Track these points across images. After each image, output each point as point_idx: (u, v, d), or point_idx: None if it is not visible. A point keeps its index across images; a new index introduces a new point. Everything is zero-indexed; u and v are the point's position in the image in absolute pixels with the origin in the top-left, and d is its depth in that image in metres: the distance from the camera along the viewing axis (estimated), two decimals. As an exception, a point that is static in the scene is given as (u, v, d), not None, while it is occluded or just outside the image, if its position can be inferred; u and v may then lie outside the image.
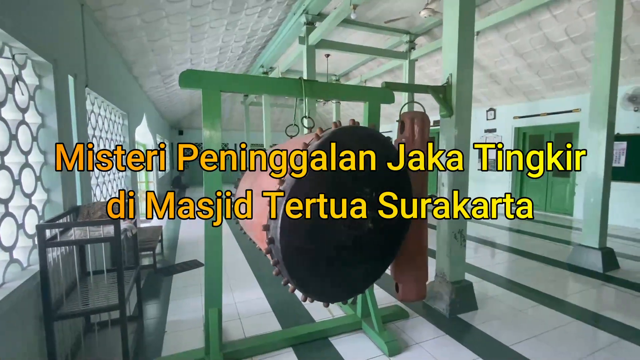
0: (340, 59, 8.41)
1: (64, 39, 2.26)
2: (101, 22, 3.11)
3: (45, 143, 2.06)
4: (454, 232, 2.78)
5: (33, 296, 1.69)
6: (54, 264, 1.88)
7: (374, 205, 1.61)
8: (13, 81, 1.73)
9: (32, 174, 1.91)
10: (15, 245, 1.71)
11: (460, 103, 2.69)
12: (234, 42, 5.88)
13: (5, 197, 1.63)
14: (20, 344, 1.56)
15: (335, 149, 1.54)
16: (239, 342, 2.25)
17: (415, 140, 2.49)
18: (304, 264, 1.47)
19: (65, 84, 2.25)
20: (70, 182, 2.26)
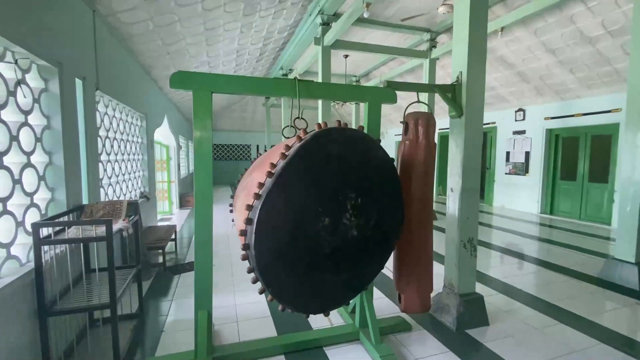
0: (359, 60, 8.29)
1: (72, 44, 2.35)
2: (115, 27, 3.23)
3: (50, 144, 2.14)
4: (463, 240, 2.60)
5: (29, 292, 1.75)
6: (56, 260, 1.94)
7: (359, 211, 1.52)
8: (15, 85, 1.81)
9: (34, 174, 1.98)
10: (14, 242, 1.77)
11: (471, 103, 2.51)
12: (251, 44, 5.94)
13: (3, 195, 1.69)
14: (16, 337, 1.62)
15: (315, 153, 1.46)
16: (229, 347, 2.22)
17: (419, 142, 2.35)
18: (280, 272, 1.41)
19: (72, 87, 2.34)
20: (75, 182, 2.34)
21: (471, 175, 2.57)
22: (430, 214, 2.44)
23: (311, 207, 1.45)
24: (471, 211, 2.60)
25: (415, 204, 2.38)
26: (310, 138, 1.49)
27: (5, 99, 1.72)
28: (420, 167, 2.37)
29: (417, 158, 2.37)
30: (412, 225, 2.37)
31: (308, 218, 1.44)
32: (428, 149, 2.37)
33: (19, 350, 1.65)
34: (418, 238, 2.39)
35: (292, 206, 1.42)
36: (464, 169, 2.54)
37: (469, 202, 2.58)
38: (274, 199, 1.41)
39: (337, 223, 1.48)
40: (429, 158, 2.38)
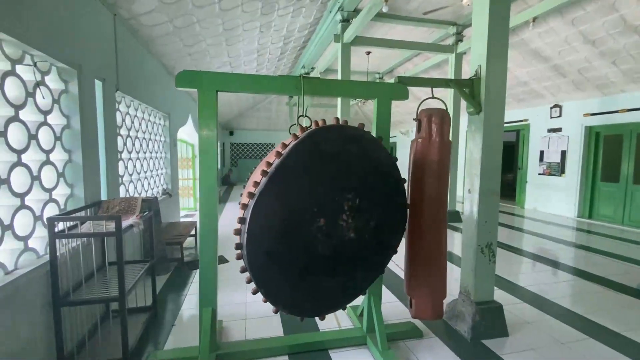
0: (382, 56, 8.11)
1: (92, 47, 2.45)
2: (136, 30, 3.35)
3: (69, 142, 2.25)
4: (481, 245, 2.44)
5: (44, 282, 1.84)
6: (71, 253, 2.04)
7: (357, 212, 1.45)
8: (34, 86, 1.91)
9: (53, 171, 2.09)
10: (31, 235, 1.88)
11: (491, 98, 2.34)
12: (271, 43, 5.98)
13: (22, 191, 1.79)
14: (32, 325, 1.71)
15: (311, 151, 1.42)
16: (234, 344, 2.23)
17: (432, 140, 2.23)
18: (273, 273, 1.37)
19: (91, 88, 2.44)
20: (94, 179, 2.45)
21: (490, 175, 2.41)
22: (444, 216, 2.31)
23: (306, 207, 1.40)
24: (490, 214, 2.43)
25: (428, 205, 2.27)
26: (305, 136, 1.44)
27: (23, 100, 1.82)
28: (434, 167, 2.26)
29: (430, 157, 2.25)
30: (425, 227, 2.27)
31: (303, 219, 1.39)
32: (442, 147, 2.24)
33: (35, 338, 1.75)
34: (431, 241, 2.28)
35: (286, 206, 1.39)
36: (482, 169, 2.38)
37: (488, 204, 2.42)
38: (266, 199, 1.38)
39: (334, 224, 1.42)
40: (443, 157, 2.25)
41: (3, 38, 1.63)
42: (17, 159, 1.76)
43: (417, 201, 2.33)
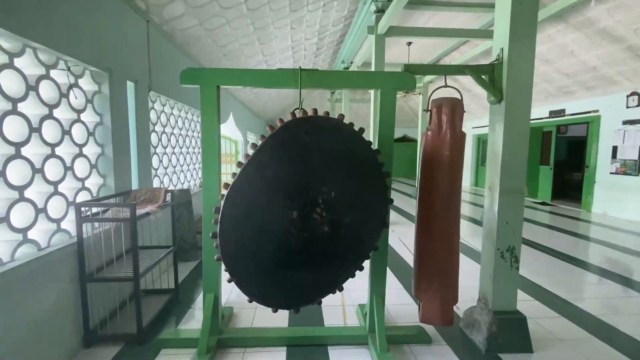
0: (425, 46, 7.69)
1: (124, 52, 2.71)
2: (169, 34, 3.62)
3: (102, 138, 2.52)
4: (501, 249, 2.20)
5: (73, 260, 2.10)
6: (103, 235, 2.30)
7: (332, 206, 1.41)
8: (68, 88, 2.17)
9: (86, 162, 2.37)
10: (64, 218, 2.15)
11: (514, 85, 2.09)
12: (305, 39, 6.02)
13: (55, 179, 2.06)
14: (62, 297, 1.97)
15: (284, 143, 1.41)
16: (236, 330, 2.32)
17: (442, 131, 2.08)
18: (245, 263, 1.40)
19: (123, 89, 2.71)
20: (124, 170, 2.72)
21: (513, 172, 2.15)
22: (457, 214, 2.14)
23: (279, 200, 1.40)
24: (513, 215, 2.18)
25: (438, 203, 2.13)
26: (278, 129, 1.44)
27: (57, 100, 2.09)
28: (445, 161, 2.10)
29: (440, 151, 2.10)
30: (434, 226, 2.13)
31: (275, 211, 1.39)
32: (454, 140, 2.08)
33: (64, 309, 2.01)
34: (441, 242, 2.13)
35: (258, 198, 1.40)
36: (503, 164, 2.14)
37: (510, 204, 2.17)
38: (239, 190, 1.40)
39: (307, 218, 1.40)
40: (455, 151, 2.09)
41: (37, 47, 1.88)
42: (50, 152, 2.03)
43: (426, 198, 2.19)
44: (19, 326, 1.70)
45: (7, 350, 1.63)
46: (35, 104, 1.93)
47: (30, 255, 1.83)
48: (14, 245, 1.76)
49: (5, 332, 1.60)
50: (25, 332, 1.73)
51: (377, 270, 2.23)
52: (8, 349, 1.62)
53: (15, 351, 1.67)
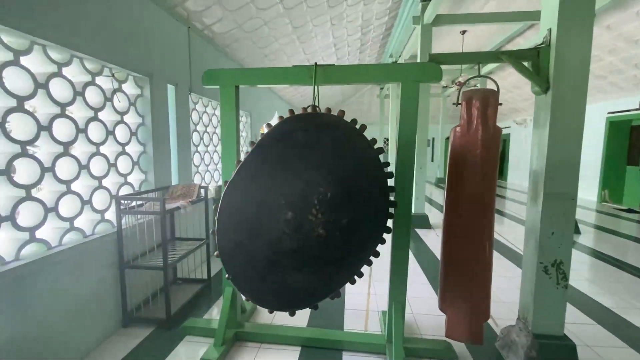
0: (482, 34, 7.03)
1: (165, 57, 2.92)
2: (211, 38, 3.82)
3: (143, 137, 2.76)
4: (544, 263, 1.90)
5: (113, 247, 2.33)
6: (142, 227, 2.52)
7: (328, 207, 1.34)
8: (112, 93, 2.41)
9: (129, 160, 2.61)
10: (107, 209, 2.39)
11: (564, 71, 1.77)
12: (347, 35, 5.91)
13: (99, 175, 2.31)
14: (101, 281, 2.21)
15: (281, 141, 1.37)
16: (254, 326, 2.36)
17: (473, 127, 1.87)
18: (241, 262, 1.40)
19: (163, 92, 2.92)
20: (164, 167, 2.94)
21: (562, 173, 1.84)
22: (490, 220, 1.91)
23: (274, 199, 1.37)
24: (561, 224, 1.86)
25: (467, 207, 1.92)
26: (276, 126, 1.41)
27: (102, 104, 2.32)
28: (476, 160, 1.88)
29: (470, 149, 1.89)
30: (463, 231, 1.92)
31: (270, 210, 1.37)
32: (486, 136, 1.85)
33: (104, 291, 2.24)
34: (471, 249, 1.92)
35: (253, 197, 1.39)
36: (548, 164, 1.84)
37: (558, 211, 1.86)
38: (236, 188, 1.41)
39: (302, 219, 1.35)
40: (487, 148, 1.85)
41: (83, 57, 2.12)
42: (95, 150, 2.27)
43: (454, 202, 1.99)
44: (68, 302, 1.94)
45: (59, 320, 1.87)
46: (82, 107, 2.17)
47: (76, 241, 2.08)
48: (61, 232, 2.01)
49: (56, 305, 1.84)
50: (73, 308, 1.97)
51: (397, 277, 2.08)
52: (60, 320, 1.86)
53: (66, 323, 1.91)
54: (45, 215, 1.90)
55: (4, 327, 1.59)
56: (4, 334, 1.60)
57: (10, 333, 1.62)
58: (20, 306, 1.67)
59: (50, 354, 1.84)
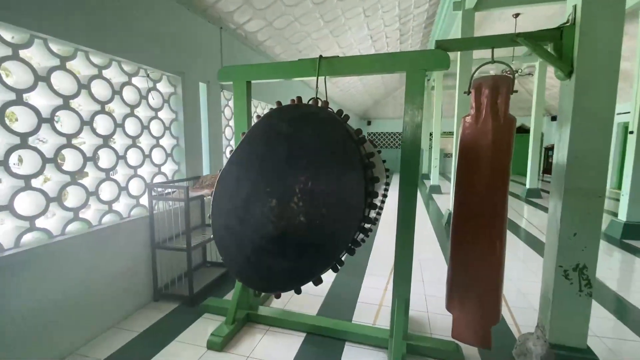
0: (539, 16, 6.34)
1: (197, 57, 3.16)
2: (244, 37, 4.02)
3: (176, 131, 3.03)
4: (564, 267, 1.72)
5: (147, 229, 2.63)
6: (174, 212, 2.80)
7: (308, 196, 1.37)
8: (147, 91, 2.69)
9: (162, 152, 2.89)
10: (142, 195, 2.69)
11: (588, 51, 1.57)
12: (385, 26, 5.76)
13: (135, 165, 2.60)
14: (135, 258, 2.51)
15: (266, 132, 1.44)
16: (265, 309, 2.48)
17: (482, 117, 1.76)
18: (231, 245, 1.51)
19: (195, 90, 3.17)
20: (195, 158, 3.20)
21: (586, 167, 1.63)
22: (502, 217, 1.78)
23: (260, 187, 1.44)
24: (584, 224, 1.66)
25: (476, 203, 1.83)
26: (262, 117, 1.47)
27: (138, 101, 2.61)
28: (486, 153, 1.77)
29: (481, 140, 1.78)
30: (472, 228, 1.83)
31: (257, 198, 1.44)
32: (497, 126, 1.72)
33: (137, 268, 2.54)
34: (481, 248, 1.82)
35: (242, 184, 1.47)
36: (570, 156, 1.65)
37: (580, 209, 1.66)
38: (227, 176, 1.51)
39: (285, 206, 1.40)
40: (499, 140, 1.73)
41: (121, 60, 2.40)
42: (131, 143, 2.56)
43: (462, 197, 1.89)
44: (107, 273, 2.25)
45: (99, 289, 2.18)
46: (120, 105, 2.46)
47: (113, 222, 2.38)
48: (101, 214, 2.32)
49: (96, 275, 2.15)
50: (111, 279, 2.28)
51: (400, 272, 2.04)
52: (99, 288, 2.18)
53: (105, 291, 2.22)
54: (87, 198, 2.21)
55: (56, 289, 1.91)
56: (57, 295, 1.91)
57: (62, 294, 1.93)
58: (67, 274, 1.99)
59: (92, 316, 2.15)
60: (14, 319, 1.73)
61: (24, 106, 1.83)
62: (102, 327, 2.24)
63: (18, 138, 1.80)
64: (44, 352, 1.88)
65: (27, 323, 1.79)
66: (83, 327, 2.11)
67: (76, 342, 2.07)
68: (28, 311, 1.79)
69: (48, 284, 1.89)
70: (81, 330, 2.10)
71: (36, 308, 1.83)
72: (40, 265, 1.85)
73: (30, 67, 1.83)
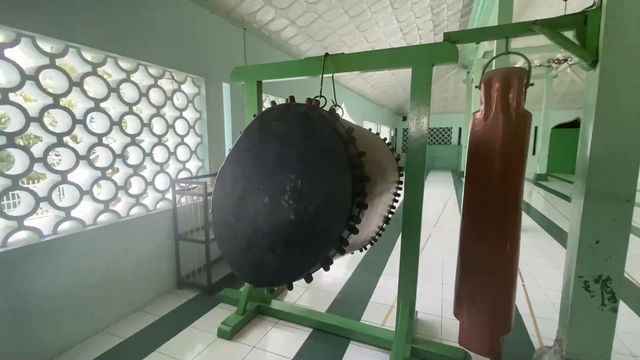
0: None
1: (220, 58, 3.30)
2: (268, 36, 4.10)
3: (200, 130, 3.20)
4: (584, 277, 1.56)
5: (169, 221, 2.82)
6: (197, 206, 2.98)
7: (297, 194, 1.39)
8: (172, 92, 2.87)
9: (187, 149, 3.08)
10: (168, 190, 2.89)
11: (615, 38, 1.39)
12: (415, 18, 5.55)
13: (161, 161, 2.80)
14: (160, 247, 2.71)
15: (259, 131, 1.48)
16: (276, 303, 2.55)
17: (492, 113, 1.66)
18: (228, 238, 1.58)
19: (218, 90, 3.32)
20: (219, 155, 3.36)
21: (611, 169, 1.46)
22: (515, 220, 1.68)
23: (254, 185, 1.49)
24: (609, 231, 1.49)
25: (486, 204, 1.73)
26: (256, 117, 1.51)
27: (163, 102, 2.80)
28: (496, 152, 1.67)
29: (491, 138, 1.68)
30: (482, 231, 1.74)
31: (251, 195, 1.49)
32: (509, 123, 1.61)
33: (162, 255, 2.75)
34: (491, 252, 1.72)
35: (238, 182, 1.53)
36: (593, 156, 1.49)
37: (604, 215, 1.49)
38: (225, 174, 1.58)
39: (276, 204, 1.43)
40: (512, 137, 1.62)
41: (147, 64, 2.59)
42: (157, 141, 2.76)
43: (471, 197, 1.79)
44: (135, 260, 2.47)
45: (128, 274, 2.41)
46: (147, 106, 2.66)
47: (140, 214, 2.60)
48: (129, 207, 2.54)
49: (126, 261, 2.37)
50: (138, 266, 2.50)
51: (406, 273, 1.99)
52: (128, 274, 2.40)
53: (133, 277, 2.44)
54: (117, 192, 2.43)
55: (88, 273, 2.13)
56: (90, 278, 2.14)
57: (93, 278, 2.16)
58: (99, 259, 2.21)
59: (121, 298, 2.37)
60: (55, 295, 1.96)
61: (60, 109, 2.05)
62: (130, 309, 2.46)
63: (55, 137, 2.02)
64: (78, 326, 2.11)
65: (61, 301, 2.02)
66: (113, 308, 2.34)
67: (107, 320, 2.29)
68: (62, 292, 2.02)
69: (81, 268, 2.11)
70: (111, 310, 2.33)
71: (68, 291, 2.05)
72: (74, 251, 2.08)
73: (65, 74, 2.05)
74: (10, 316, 1.79)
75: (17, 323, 1.82)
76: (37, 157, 1.94)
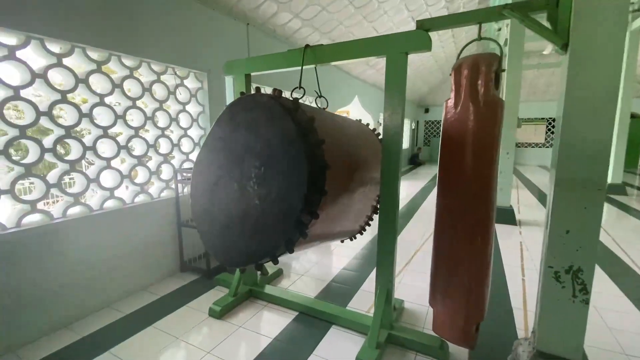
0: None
1: (223, 53, 3.43)
2: (272, 30, 4.18)
3: (204, 123, 3.36)
4: (554, 268, 1.53)
5: (172, 209, 3.01)
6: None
7: (261, 181, 1.48)
8: (175, 87, 3.04)
9: (190, 141, 3.25)
10: (172, 180, 3.08)
11: (587, 21, 1.33)
12: (427, 5, 5.39)
13: (165, 152, 2.99)
14: (164, 233, 2.91)
15: (229, 121, 1.57)
16: (269, 288, 2.66)
17: (462, 101, 1.66)
18: (205, 222, 1.69)
19: (221, 84, 3.46)
20: (221, 148, 3.51)
21: (581, 155, 1.41)
22: (488, 208, 1.67)
23: (223, 173, 1.58)
24: (580, 221, 1.45)
25: (461, 191, 1.73)
26: (226, 107, 1.60)
27: (166, 97, 2.97)
28: (468, 140, 1.66)
29: (462, 125, 1.68)
30: (456, 220, 1.75)
31: (222, 182, 1.59)
32: (478, 109, 1.60)
33: (167, 242, 2.94)
34: (464, 240, 1.72)
35: (211, 170, 1.64)
36: (562, 142, 1.45)
37: (574, 204, 1.45)
38: (200, 162, 1.69)
39: (244, 190, 1.52)
40: (483, 124, 1.61)
41: (150, 61, 2.76)
42: (161, 133, 2.94)
43: (444, 187, 1.79)
44: (140, 244, 2.68)
45: (134, 256, 2.62)
46: (151, 100, 2.84)
47: (145, 201, 2.80)
48: (134, 194, 2.74)
49: (132, 244, 2.59)
50: (144, 249, 2.71)
51: (383, 261, 2.02)
52: (133, 257, 2.61)
53: (139, 259, 2.65)
54: (121, 180, 2.63)
55: (96, 253, 2.36)
56: (98, 257, 2.36)
57: (101, 257, 2.38)
58: (105, 241, 2.42)
59: (127, 278, 2.59)
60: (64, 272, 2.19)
61: (68, 104, 2.25)
62: (135, 288, 2.68)
63: (63, 130, 2.23)
64: (89, 300, 2.34)
65: (69, 278, 2.25)
66: (119, 286, 2.56)
67: (113, 297, 2.52)
68: (70, 270, 2.24)
69: (89, 247, 2.33)
70: (118, 288, 2.55)
71: (77, 269, 2.28)
72: (83, 233, 2.30)
73: (71, 72, 2.25)
74: (30, 286, 2.02)
75: (31, 295, 2.05)
76: (47, 148, 2.15)
